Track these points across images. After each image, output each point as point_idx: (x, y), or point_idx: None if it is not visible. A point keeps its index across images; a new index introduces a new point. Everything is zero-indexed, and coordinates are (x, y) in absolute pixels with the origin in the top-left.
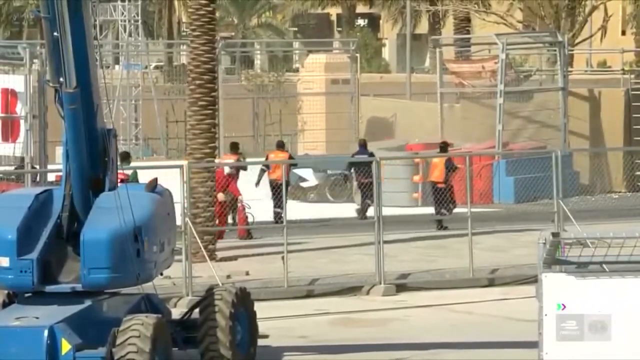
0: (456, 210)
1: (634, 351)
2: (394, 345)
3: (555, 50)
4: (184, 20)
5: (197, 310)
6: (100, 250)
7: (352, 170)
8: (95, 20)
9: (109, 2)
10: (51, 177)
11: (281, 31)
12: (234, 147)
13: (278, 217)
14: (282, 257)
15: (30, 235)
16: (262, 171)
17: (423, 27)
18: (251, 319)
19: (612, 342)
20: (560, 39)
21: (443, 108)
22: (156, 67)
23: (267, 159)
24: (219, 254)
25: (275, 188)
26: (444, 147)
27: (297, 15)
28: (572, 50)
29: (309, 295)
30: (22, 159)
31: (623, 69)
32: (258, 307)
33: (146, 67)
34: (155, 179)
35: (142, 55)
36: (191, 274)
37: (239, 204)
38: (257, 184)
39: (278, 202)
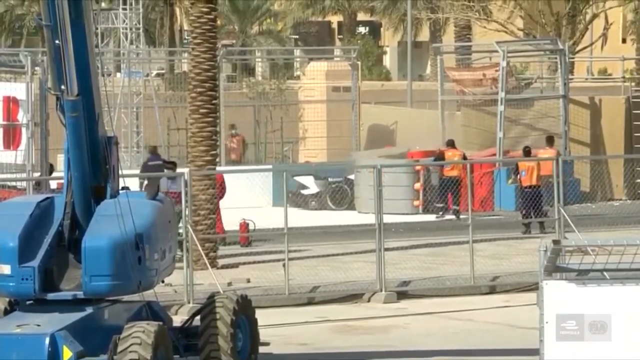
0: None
1: (634, 352)
2: (394, 353)
3: (556, 58)
4: (185, 28)
5: (198, 317)
6: (102, 258)
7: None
8: (96, 28)
9: (110, 10)
10: (52, 184)
11: (282, 39)
12: (550, 141)
13: (457, 214)
14: (283, 265)
15: (31, 242)
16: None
17: (424, 35)
18: (252, 327)
19: (612, 342)
20: (561, 46)
21: (444, 116)
22: (157, 75)
23: (443, 156)
24: (220, 262)
25: (452, 184)
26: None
27: (298, 23)
28: (573, 58)
29: (310, 302)
30: (52, 166)
31: (624, 77)
32: (259, 314)
33: (147, 75)
34: (157, 186)
35: (143, 63)
36: (192, 282)
37: (241, 221)
38: None
39: (456, 198)
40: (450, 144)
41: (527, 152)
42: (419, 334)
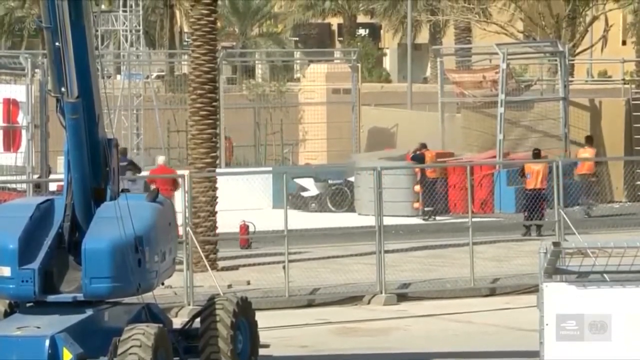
0: (457, 219)
1: (634, 352)
2: (395, 355)
3: (556, 60)
4: (185, 30)
5: (198, 319)
6: (102, 260)
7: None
8: (96, 30)
9: (110, 12)
10: (52, 186)
11: (282, 41)
12: (590, 140)
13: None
14: (283, 267)
15: (31, 244)
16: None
17: (424, 37)
18: (252, 329)
19: (612, 342)
20: (561, 48)
21: (444, 118)
22: (157, 77)
23: (424, 157)
24: (220, 264)
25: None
26: None
27: (298, 25)
28: (573, 60)
29: (310, 304)
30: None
31: (624, 79)
32: (259, 316)
33: (147, 77)
34: (157, 189)
35: (143, 65)
36: (192, 284)
37: (241, 223)
38: None
39: (430, 199)
40: (424, 146)
41: (536, 154)
42: (419, 336)
